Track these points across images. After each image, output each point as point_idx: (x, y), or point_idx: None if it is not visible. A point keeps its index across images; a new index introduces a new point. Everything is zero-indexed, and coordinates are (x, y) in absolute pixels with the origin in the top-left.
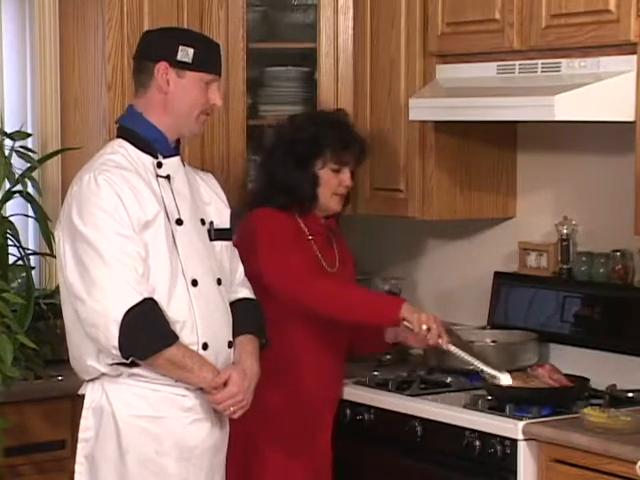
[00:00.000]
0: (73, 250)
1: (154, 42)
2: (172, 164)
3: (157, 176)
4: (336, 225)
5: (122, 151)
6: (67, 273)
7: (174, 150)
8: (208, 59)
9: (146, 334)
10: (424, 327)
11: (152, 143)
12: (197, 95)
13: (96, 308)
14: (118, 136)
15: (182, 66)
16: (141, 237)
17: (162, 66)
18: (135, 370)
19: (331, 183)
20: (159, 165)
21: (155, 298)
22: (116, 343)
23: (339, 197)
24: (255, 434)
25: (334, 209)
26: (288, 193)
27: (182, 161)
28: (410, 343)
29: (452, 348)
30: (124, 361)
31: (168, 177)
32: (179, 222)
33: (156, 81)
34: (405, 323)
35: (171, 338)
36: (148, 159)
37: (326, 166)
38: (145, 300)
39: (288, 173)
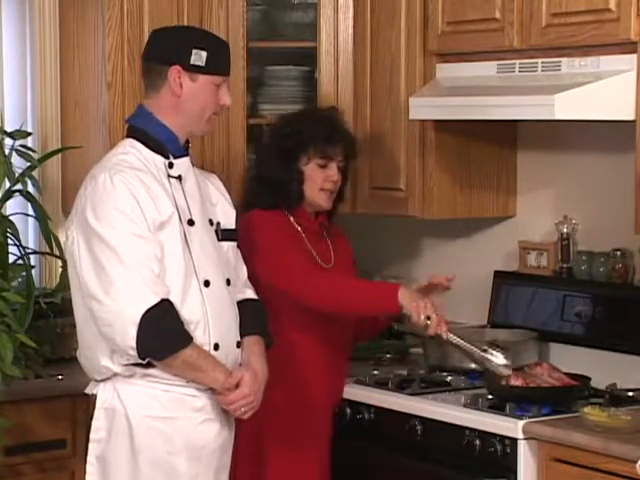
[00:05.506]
0: (89, 249)
1: (166, 44)
2: (182, 164)
3: (168, 176)
4: (328, 221)
5: (134, 151)
6: (82, 273)
7: (184, 150)
8: (220, 61)
9: (163, 335)
10: (422, 317)
11: (163, 143)
12: (209, 97)
13: (113, 308)
14: (128, 135)
15: (195, 70)
16: (156, 238)
17: (175, 70)
18: (148, 371)
19: (317, 179)
20: (170, 165)
21: (170, 299)
22: (134, 344)
23: (327, 193)
24: (261, 430)
25: (322, 206)
26: (275, 190)
27: (191, 162)
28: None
29: (452, 337)
30: (140, 361)
31: (179, 177)
32: (191, 223)
33: (169, 84)
34: (404, 311)
35: (187, 339)
36: (160, 159)
37: (311, 161)
38: (162, 301)
39: (274, 170)
